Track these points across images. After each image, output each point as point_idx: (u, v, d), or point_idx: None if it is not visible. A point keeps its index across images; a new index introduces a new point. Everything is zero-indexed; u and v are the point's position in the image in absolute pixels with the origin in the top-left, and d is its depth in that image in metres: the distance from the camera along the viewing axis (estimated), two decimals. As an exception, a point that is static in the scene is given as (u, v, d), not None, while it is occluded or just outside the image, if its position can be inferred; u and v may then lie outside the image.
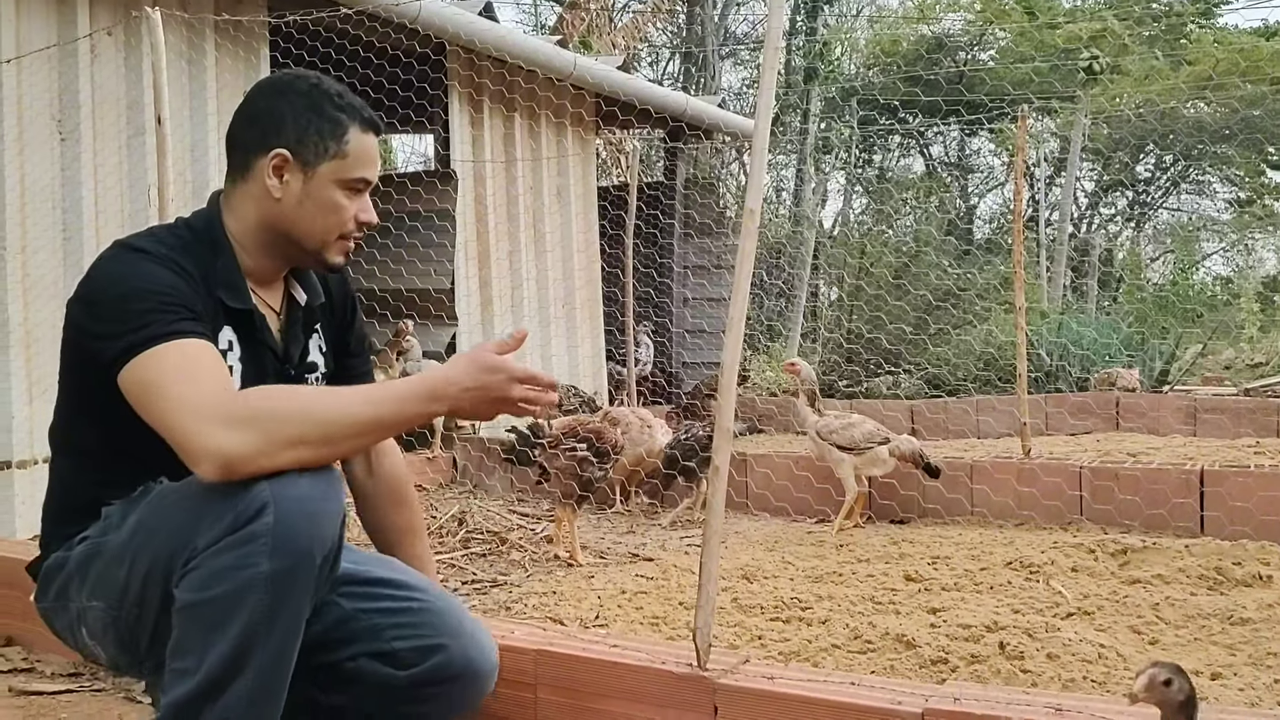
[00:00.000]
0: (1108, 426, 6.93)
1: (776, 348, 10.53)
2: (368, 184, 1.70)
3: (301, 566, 1.39)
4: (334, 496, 1.45)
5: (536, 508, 4.63)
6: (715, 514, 1.79)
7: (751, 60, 19.85)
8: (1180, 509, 3.91)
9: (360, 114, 1.68)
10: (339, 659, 1.65)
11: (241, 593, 1.37)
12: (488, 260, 6.37)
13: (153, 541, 1.47)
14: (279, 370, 1.71)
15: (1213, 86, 14.95)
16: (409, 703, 1.66)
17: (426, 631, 1.66)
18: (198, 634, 1.39)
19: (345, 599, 1.66)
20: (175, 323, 1.50)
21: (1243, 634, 2.65)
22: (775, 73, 1.94)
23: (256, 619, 1.37)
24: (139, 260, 1.57)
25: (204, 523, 1.40)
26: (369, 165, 1.69)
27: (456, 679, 1.66)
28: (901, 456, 4.17)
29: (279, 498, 1.38)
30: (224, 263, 1.65)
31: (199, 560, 1.39)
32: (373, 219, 1.72)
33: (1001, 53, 18.83)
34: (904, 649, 2.53)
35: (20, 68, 4.07)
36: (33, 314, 4.08)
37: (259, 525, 1.37)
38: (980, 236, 18.51)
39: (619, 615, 2.94)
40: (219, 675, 1.38)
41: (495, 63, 6.18)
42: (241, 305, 1.65)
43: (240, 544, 1.37)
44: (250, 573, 1.36)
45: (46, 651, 2.52)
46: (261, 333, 1.70)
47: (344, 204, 1.67)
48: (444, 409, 1.53)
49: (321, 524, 1.42)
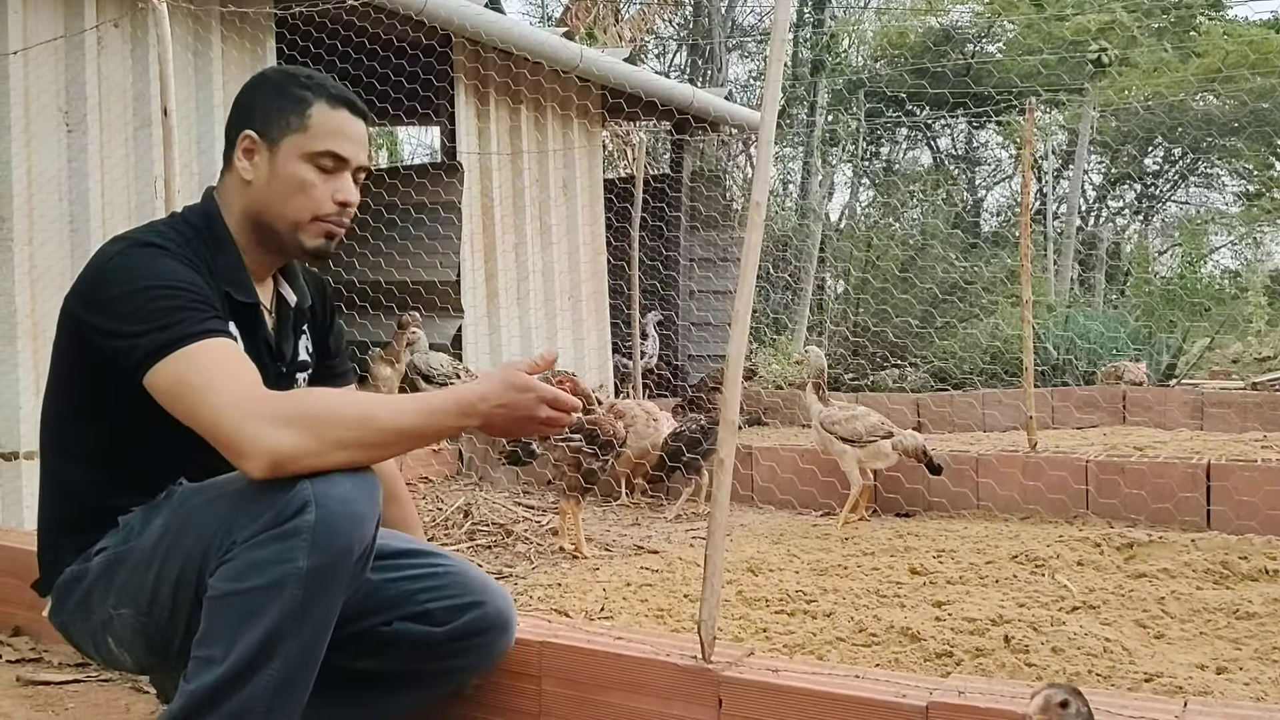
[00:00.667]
0: (1114, 420, 6.92)
1: (782, 341, 10.52)
2: (339, 159, 1.64)
3: (339, 564, 1.41)
4: (373, 498, 1.47)
5: (542, 500, 4.63)
6: (720, 507, 1.79)
7: (758, 52, 19.79)
8: (1186, 503, 3.90)
9: (328, 90, 1.65)
10: (372, 625, 1.69)
11: (278, 586, 1.38)
12: (493, 253, 6.37)
13: (183, 541, 1.47)
14: (273, 368, 1.71)
15: (1222, 79, 14.87)
16: (447, 657, 1.73)
17: (456, 591, 1.72)
18: (229, 624, 1.40)
19: (370, 572, 1.66)
20: (205, 321, 1.50)
21: (1248, 628, 2.65)
22: (781, 65, 1.94)
23: (290, 613, 1.38)
24: (155, 256, 1.55)
25: (243, 518, 1.41)
26: (336, 139, 1.63)
27: (491, 629, 1.74)
28: (905, 451, 4.17)
29: (322, 496, 1.39)
30: (227, 258, 1.65)
31: (236, 552, 1.40)
32: (350, 198, 1.66)
33: (1009, 45, 18.75)
34: (909, 642, 2.53)
35: (27, 59, 4.08)
36: (40, 305, 4.09)
37: (301, 521, 1.38)
38: (987, 229, 18.45)
39: (624, 607, 2.95)
40: (245, 665, 1.39)
41: (501, 55, 6.17)
42: (248, 299, 1.65)
43: (281, 539, 1.38)
44: (289, 567, 1.38)
45: (54, 642, 2.53)
46: (261, 328, 1.70)
47: (311, 180, 1.63)
48: (476, 424, 1.54)
49: (361, 524, 1.43)
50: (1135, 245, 18.41)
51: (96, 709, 2.19)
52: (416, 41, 5.90)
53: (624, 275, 6.76)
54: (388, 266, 6.03)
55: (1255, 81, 14.96)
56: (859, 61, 18.91)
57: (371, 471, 1.49)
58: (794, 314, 11.76)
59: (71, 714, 2.18)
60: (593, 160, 7.50)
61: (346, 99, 1.67)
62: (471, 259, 6.17)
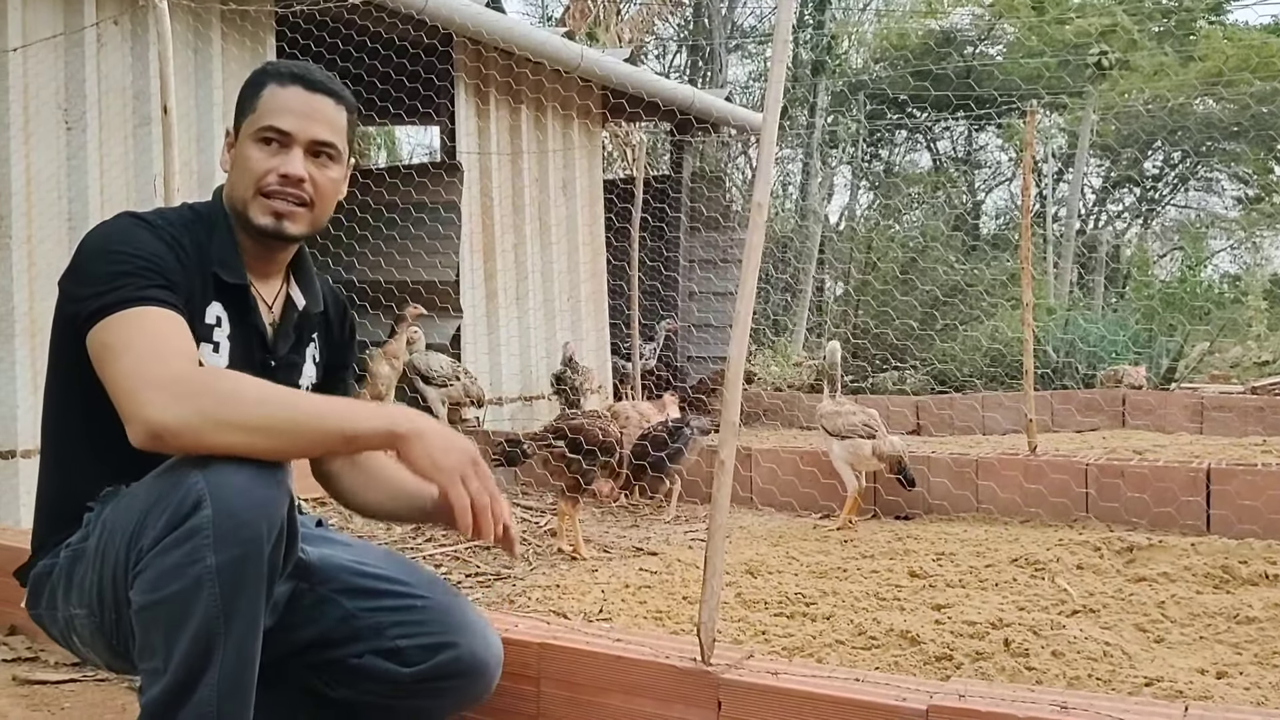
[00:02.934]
0: (1114, 423, 6.92)
1: (782, 342, 10.51)
2: (281, 133, 1.62)
3: (250, 555, 1.36)
4: (274, 484, 1.40)
5: (541, 501, 4.62)
6: (720, 509, 1.78)
7: (758, 54, 19.80)
8: (1187, 507, 3.89)
9: (282, 72, 1.65)
10: (342, 656, 1.65)
11: (195, 588, 1.34)
12: (493, 253, 6.36)
13: (113, 543, 1.45)
14: (262, 359, 1.69)
15: (1223, 83, 14.88)
16: (413, 698, 1.66)
17: (432, 629, 1.64)
18: (160, 634, 1.38)
19: (346, 597, 1.65)
20: (147, 289, 1.49)
21: (1248, 633, 2.64)
22: (784, 66, 1.93)
23: (213, 613, 1.35)
24: (131, 226, 1.59)
25: (148, 521, 1.39)
26: (278, 114, 1.62)
27: (463, 675, 1.65)
28: (881, 456, 4.10)
29: (216, 489, 1.35)
30: (220, 240, 1.65)
31: (146, 560, 1.37)
32: (291, 171, 1.62)
33: (1010, 47, 18.76)
34: (908, 645, 2.53)
35: (26, 56, 4.07)
36: (38, 303, 4.08)
37: (198, 519, 1.34)
38: (987, 232, 18.47)
39: (623, 609, 2.94)
40: (186, 673, 1.36)
41: (502, 54, 6.16)
42: (236, 280, 1.65)
43: (182, 541, 1.35)
44: (198, 568, 1.34)
45: (50, 642, 2.51)
46: (253, 314, 1.69)
47: (252, 155, 1.62)
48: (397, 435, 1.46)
49: (266, 510, 1.38)
50: (1135, 249, 18.42)
51: (92, 709, 2.18)
52: (417, 41, 5.89)
53: (624, 276, 6.76)
54: (387, 266, 6.02)
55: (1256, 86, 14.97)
56: (859, 63, 18.93)
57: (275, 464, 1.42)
58: (793, 316, 11.75)
59: (68, 714, 2.17)
60: (593, 160, 7.49)
61: (300, 76, 1.65)
62: (471, 259, 6.16)
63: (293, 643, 1.64)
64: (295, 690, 1.69)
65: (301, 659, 1.67)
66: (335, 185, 1.69)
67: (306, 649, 1.66)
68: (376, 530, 4.04)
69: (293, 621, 1.63)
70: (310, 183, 1.64)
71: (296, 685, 1.69)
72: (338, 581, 1.67)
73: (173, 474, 1.40)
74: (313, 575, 1.67)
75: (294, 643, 1.64)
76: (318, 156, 1.65)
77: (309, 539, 1.73)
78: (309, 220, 1.67)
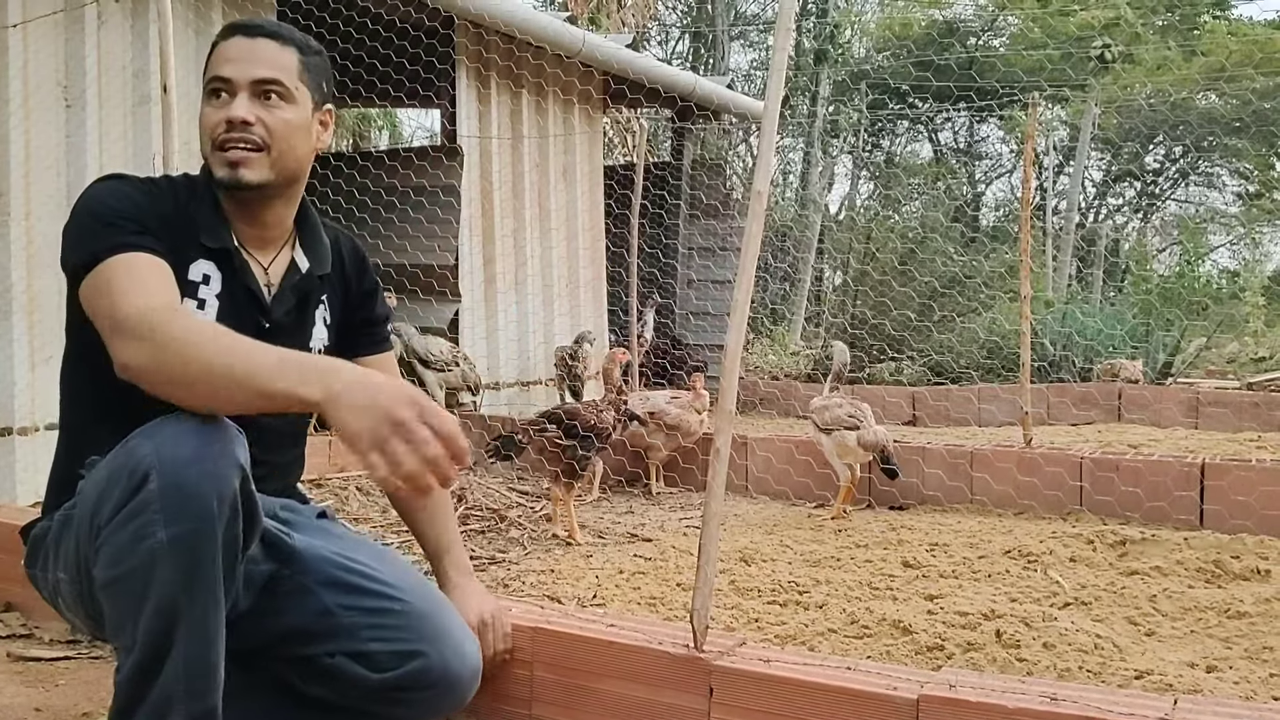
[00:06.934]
0: (1110, 417, 6.93)
1: (780, 331, 10.52)
2: (223, 80, 1.60)
3: (203, 527, 1.34)
4: (223, 453, 1.36)
5: (536, 486, 4.63)
6: (715, 496, 1.78)
7: (761, 41, 19.73)
8: (1180, 502, 3.91)
9: (226, 28, 1.66)
10: (317, 653, 1.63)
11: (149, 564, 1.34)
12: (492, 237, 6.35)
13: (84, 515, 1.46)
14: (255, 321, 1.68)
15: (1225, 78, 14.85)
16: (381, 704, 1.64)
17: (406, 635, 1.62)
18: (123, 609, 1.37)
19: (326, 591, 1.64)
20: (127, 236, 1.52)
21: (1239, 628, 2.65)
22: (786, 54, 1.92)
23: (171, 587, 1.34)
24: (115, 182, 1.62)
25: (106, 494, 1.39)
26: (218, 64, 1.62)
27: (433, 686, 1.63)
28: (865, 446, 4.10)
29: (162, 461, 1.34)
30: (201, 204, 1.66)
31: (104, 537, 1.38)
32: (235, 114, 1.59)
33: (1013, 39, 18.71)
34: (900, 635, 2.54)
35: (26, 33, 4.05)
36: (35, 280, 4.07)
37: (146, 494, 1.33)
38: (986, 224, 18.45)
39: (616, 595, 2.95)
40: (151, 649, 1.36)
41: (504, 38, 6.14)
42: (217, 244, 1.65)
43: (133, 515, 1.34)
44: (151, 543, 1.33)
45: (45, 618, 2.53)
46: (243, 275, 1.68)
47: (204, 111, 1.64)
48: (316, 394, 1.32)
49: (217, 480, 1.35)
50: (1134, 243, 18.42)
51: (87, 686, 2.19)
52: (419, 23, 5.87)
53: (623, 263, 6.76)
54: (385, 249, 6.01)
55: (1259, 81, 14.94)
56: (861, 53, 18.88)
57: (224, 425, 1.39)
58: (792, 305, 11.75)
59: (62, 690, 2.17)
60: (593, 146, 7.47)
61: (240, 26, 1.65)
62: (470, 243, 6.15)
63: (269, 630, 1.63)
64: (272, 688, 1.69)
65: (278, 651, 1.66)
66: (290, 126, 1.64)
67: (283, 640, 1.65)
68: (372, 513, 4.04)
69: (270, 607, 1.62)
70: (261, 125, 1.61)
71: (273, 681, 1.69)
72: (320, 573, 1.65)
73: (128, 445, 1.39)
74: (295, 562, 1.65)
75: (270, 630, 1.63)
76: (267, 99, 1.62)
77: (301, 526, 1.73)
78: (268, 164, 1.63)
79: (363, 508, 4.12)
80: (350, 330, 1.88)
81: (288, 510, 1.75)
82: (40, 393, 4.05)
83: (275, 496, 1.73)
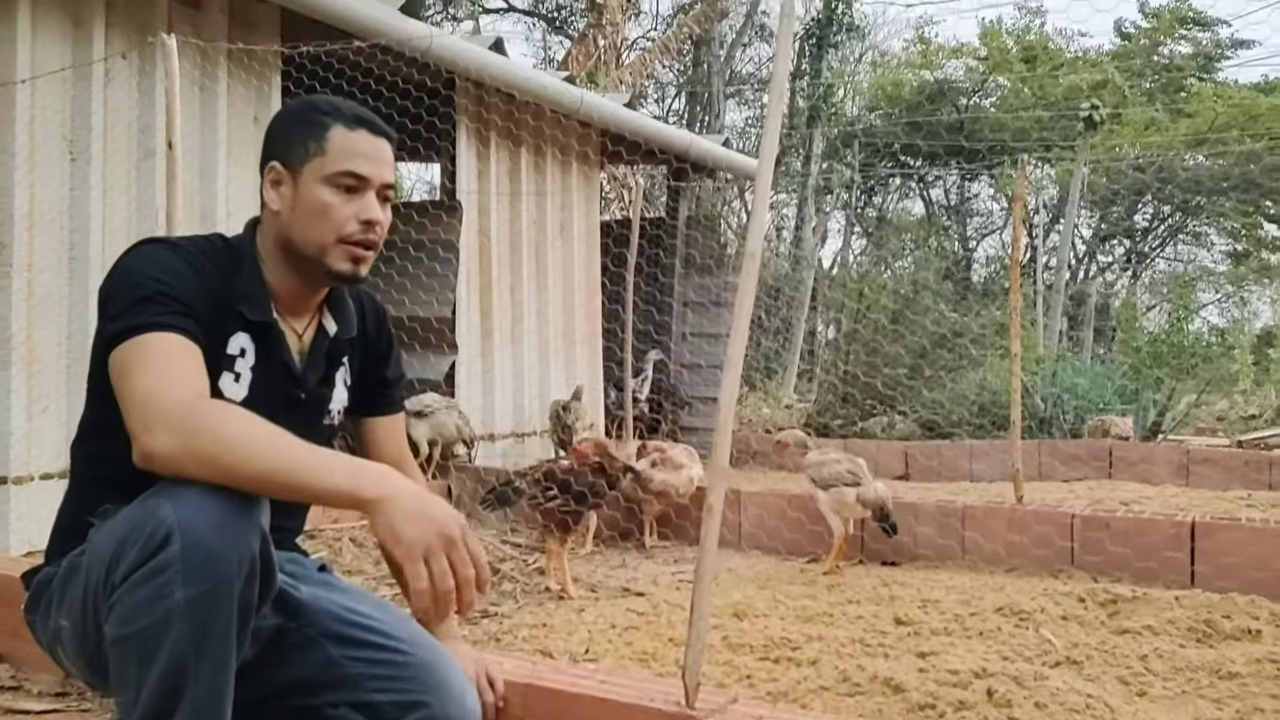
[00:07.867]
0: (1100, 475, 6.95)
1: (773, 385, 10.56)
2: (359, 178, 1.64)
3: (220, 590, 1.36)
4: (247, 516, 1.39)
5: (529, 538, 4.63)
6: (708, 552, 1.80)
7: (755, 99, 20.06)
8: (1171, 561, 3.92)
9: (344, 114, 1.67)
10: (320, 704, 1.65)
11: (163, 624, 1.34)
12: (490, 291, 6.41)
13: (95, 568, 1.46)
14: (289, 392, 1.71)
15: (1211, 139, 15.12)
16: None
17: (410, 686, 1.64)
18: (131, 668, 1.38)
19: (331, 642, 1.66)
20: (165, 314, 1.51)
21: (1230, 688, 2.66)
22: (780, 115, 1.97)
23: (183, 648, 1.35)
24: (158, 250, 1.60)
25: (121, 552, 1.39)
26: (353, 158, 1.64)
27: None
28: (865, 503, 4.12)
29: (184, 523, 1.35)
30: (246, 274, 1.67)
31: (118, 595, 1.38)
32: (374, 216, 1.65)
33: (1003, 100, 19.04)
34: (892, 693, 2.54)
35: (34, 88, 4.12)
36: (36, 331, 4.10)
37: (167, 554, 1.34)
38: (977, 280, 18.62)
39: (609, 650, 2.95)
40: (157, 708, 1.36)
41: (503, 97, 6.25)
42: (260, 318, 1.66)
43: (152, 575, 1.35)
44: (167, 603, 1.34)
45: (35, 670, 2.52)
46: (280, 350, 1.70)
47: (331, 202, 1.63)
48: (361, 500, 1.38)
49: (234, 545, 1.37)
50: (1123, 301, 18.58)
51: (77, 740, 2.18)
52: (421, 83, 5.98)
53: (618, 318, 6.81)
54: (384, 301, 6.03)
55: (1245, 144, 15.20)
56: (854, 112, 19.18)
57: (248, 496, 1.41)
58: (784, 360, 11.81)
59: (52, 744, 2.17)
60: (590, 203, 7.57)
61: (365, 119, 1.68)
62: (467, 297, 6.21)
63: (274, 681, 1.64)
64: None
65: (282, 701, 1.67)
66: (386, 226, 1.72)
67: (288, 691, 1.66)
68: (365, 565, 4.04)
69: (276, 658, 1.64)
70: (381, 228, 1.68)
71: None
72: (325, 625, 1.67)
73: (147, 504, 1.40)
74: (301, 614, 1.67)
75: (276, 681, 1.65)
76: (385, 202, 1.70)
77: (305, 579, 1.75)
78: (371, 261, 1.70)
79: (356, 559, 4.12)
80: (366, 390, 1.89)
81: (293, 564, 1.77)
82: (36, 443, 4.06)
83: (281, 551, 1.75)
